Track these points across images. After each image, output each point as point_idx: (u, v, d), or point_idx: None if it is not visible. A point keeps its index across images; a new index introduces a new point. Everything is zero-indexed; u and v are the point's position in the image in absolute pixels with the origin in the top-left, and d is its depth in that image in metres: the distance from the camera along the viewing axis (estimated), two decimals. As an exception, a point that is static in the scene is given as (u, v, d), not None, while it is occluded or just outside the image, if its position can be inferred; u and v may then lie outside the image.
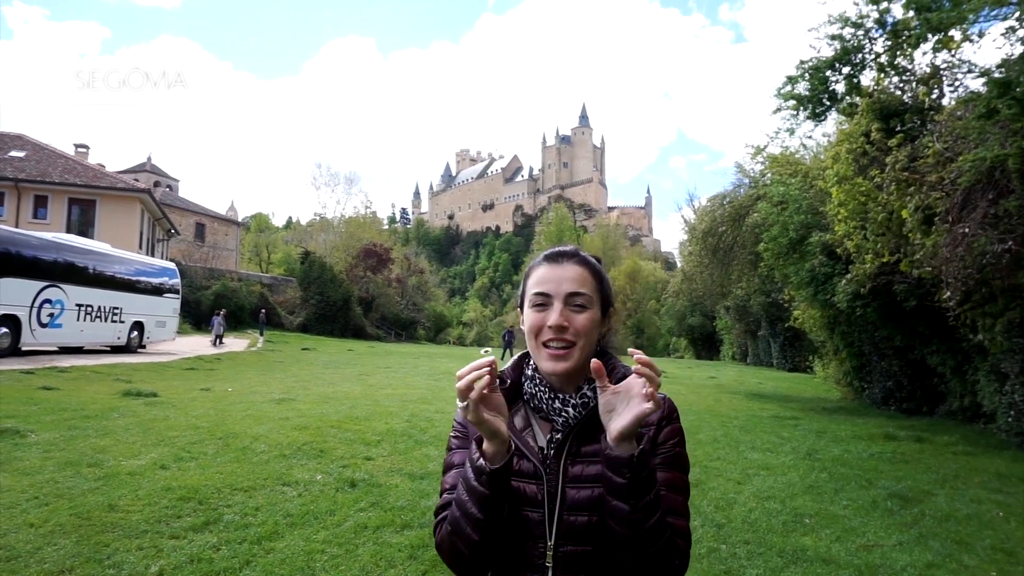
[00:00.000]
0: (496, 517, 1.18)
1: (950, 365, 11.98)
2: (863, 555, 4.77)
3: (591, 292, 1.26)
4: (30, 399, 8.88)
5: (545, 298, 1.25)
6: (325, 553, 4.17)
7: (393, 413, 9.62)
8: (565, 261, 1.28)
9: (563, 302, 1.23)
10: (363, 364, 21.35)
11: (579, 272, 1.27)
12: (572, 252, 1.31)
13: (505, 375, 1.34)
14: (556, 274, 1.26)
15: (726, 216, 18.32)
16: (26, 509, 4.52)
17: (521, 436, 1.27)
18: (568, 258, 1.29)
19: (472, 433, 1.27)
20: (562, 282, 1.25)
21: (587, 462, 1.23)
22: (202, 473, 5.67)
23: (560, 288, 1.24)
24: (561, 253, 1.31)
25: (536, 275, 1.29)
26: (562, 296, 1.24)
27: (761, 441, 9.36)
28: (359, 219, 60.94)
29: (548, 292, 1.25)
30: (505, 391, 1.28)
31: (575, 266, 1.28)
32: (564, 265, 1.27)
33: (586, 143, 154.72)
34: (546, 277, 1.27)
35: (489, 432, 1.15)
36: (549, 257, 1.31)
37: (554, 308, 1.23)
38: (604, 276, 1.33)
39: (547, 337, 1.23)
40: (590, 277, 1.28)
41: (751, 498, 6.21)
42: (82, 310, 17.73)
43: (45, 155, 31.49)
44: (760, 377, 26.18)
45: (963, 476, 7.55)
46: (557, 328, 1.22)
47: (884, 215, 9.55)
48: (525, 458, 1.24)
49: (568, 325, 1.22)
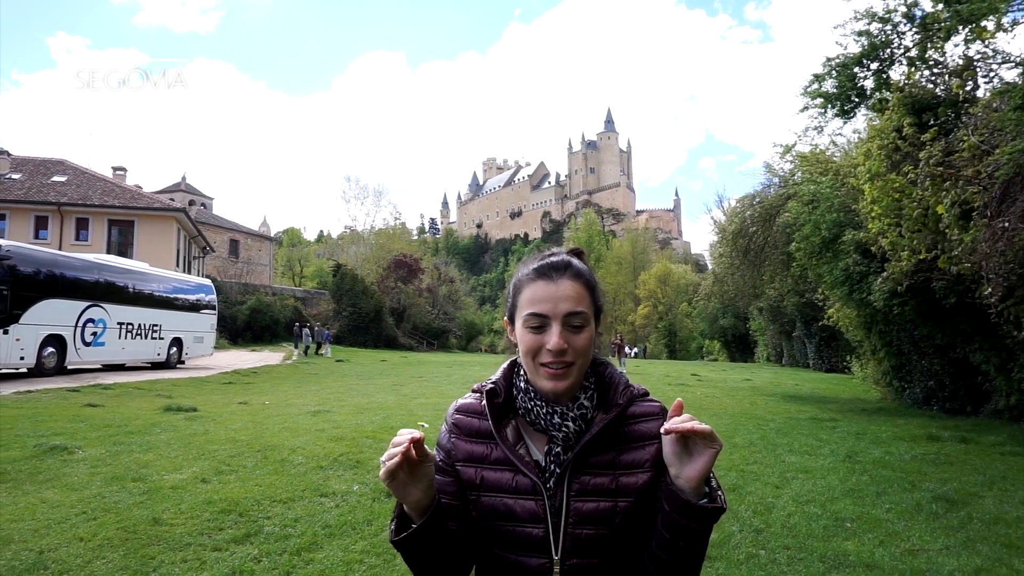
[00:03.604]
0: (430, 565, 1.22)
1: (994, 363, 11.65)
2: (908, 560, 4.66)
3: (587, 309, 1.20)
4: (77, 416, 9.14)
5: (541, 319, 1.18)
6: (364, 563, 4.22)
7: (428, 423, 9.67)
8: (559, 277, 1.20)
9: (561, 324, 1.17)
10: (396, 374, 21.52)
11: (575, 289, 1.20)
12: (564, 265, 1.22)
13: (497, 388, 1.29)
14: (551, 293, 1.18)
15: (756, 217, 18.12)
16: (75, 524, 4.65)
17: (515, 451, 1.23)
18: (561, 273, 1.21)
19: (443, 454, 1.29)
20: (559, 302, 1.18)
21: (593, 474, 1.21)
22: (242, 486, 5.78)
23: (557, 309, 1.17)
24: (553, 267, 1.22)
25: (529, 293, 1.21)
26: (559, 317, 1.17)
27: (799, 444, 9.21)
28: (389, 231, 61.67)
29: (545, 313, 1.18)
30: (496, 404, 1.27)
31: (570, 282, 1.20)
32: (559, 282, 1.19)
33: (612, 148, 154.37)
34: (540, 296, 1.19)
35: (404, 498, 1.17)
36: (541, 272, 1.22)
37: (552, 331, 1.17)
38: (596, 284, 1.26)
39: (546, 359, 1.18)
40: (585, 292, 1.21)
41: (790, 502, 6.11)
42: (123, 328, 18.22)
43: (85, 179, 32.50)
44: (796, 379, 25.76)
45: (1011, 477, 7.33)
46: (558, 352, 1.17)
47: (919, 211, 9.35)
48: (521, 474, 1.21)
49: (568, 347, 1.17)
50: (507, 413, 1.28)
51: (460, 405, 1.32)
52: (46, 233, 29.61)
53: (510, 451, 1.22)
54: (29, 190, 30.50)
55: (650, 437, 1.22)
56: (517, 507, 1.20)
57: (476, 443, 1.26)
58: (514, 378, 1.29)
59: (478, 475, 1.23)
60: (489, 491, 1.22)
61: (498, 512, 1.21)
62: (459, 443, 1.27)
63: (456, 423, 1.29)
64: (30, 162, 33.07)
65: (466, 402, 1.32)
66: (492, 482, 1.22)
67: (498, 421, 1.25)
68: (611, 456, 1.22)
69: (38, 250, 16.81)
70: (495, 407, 1.26)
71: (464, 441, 1.26)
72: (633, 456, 1.22)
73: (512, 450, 1.23)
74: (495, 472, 1.23)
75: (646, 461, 1.21)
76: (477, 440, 1.26)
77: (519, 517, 1.20)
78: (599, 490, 1.20)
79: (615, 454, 1.22)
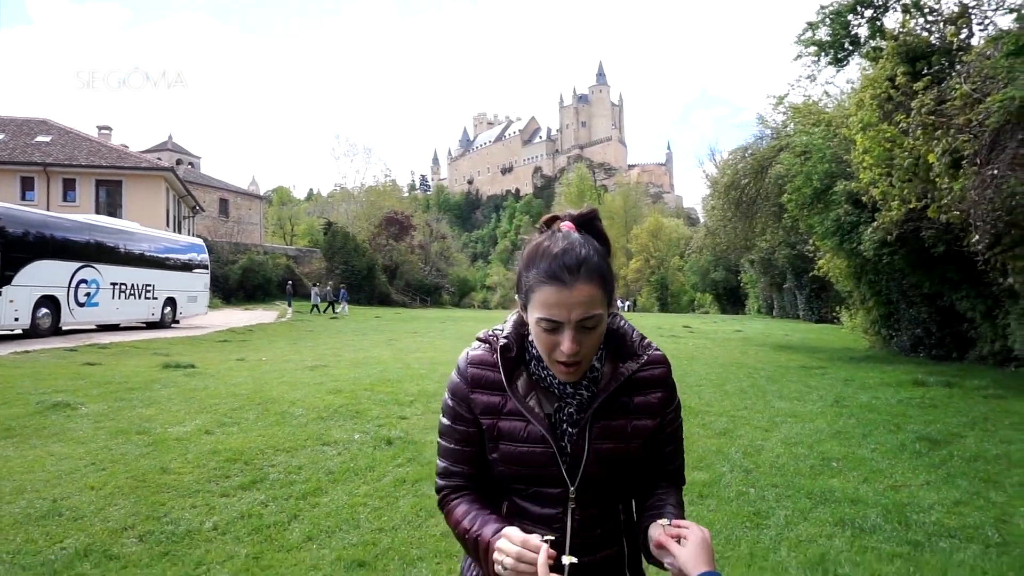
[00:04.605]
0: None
1: (980, 310, 11.87)
2: (890, 494, 4.86)
3: (601, 307, 1.19)
4: (76, 374, 9.23)
5: (554, 324, 1.18)
6: (367, 505, 4.37)
7: (424, 375, 9.84)
8: (572, 281, 1.16)
9: (574, 328, 1.18)
10: (391, 330, 21.67)
11: (588, 293, 1.17)
12: (577, 265, 1.18)
13: (510, 344, 1.32)
14: (564, 299, 1.16)
15: (748, 169, 18.11)
16: (85, 474, 4.78)
17: (526, 403, 1.28)
18: (575, 276, 1.16)
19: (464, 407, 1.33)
20: (572, 308, 1.16)
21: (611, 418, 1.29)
22: (245, 437, 5.91)
23: (571, 315, 1.16)
24: (567, 268, 1.17)
25: (541, 296, 1.18)
26: (573, 322, 1.17)
27: (788, 390, 9.43)
28: (379, 188, 61.13)
29: (558, 319, 1.17)
30: (509, 360, 1.31)
31: (583, 285, 1.16)
32: (572, 288, 1.16)
33: (604, 101, 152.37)
34: (553, 302, 1.17)
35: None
36: (553, 276, 1.17)
37: (566, 336, 1.18)
38: (609, 275, 1.23)
39: (560, 359, 1.20)
40: (598, 291, 1.19)
41: (779, 444, 6.31)
42: (116, 288, 18.20)
43: (71, 139, 31.94)
44: (787, 329, 26.08)
45: (993, 418, 7.55)
46: (570, 355, 1.19)
47: (910, 161, 9.39)
48: (532, 425, 1.27)
49: (579, 349, 1.19)
50: (518, 365, 1.33)
51: (473, 357, 1.35)
52: (33, 194, 29.22)
53: (521, 404, 1.28)
54: (13, 151, 29.98)
55: (656, 382, 1.33)
56: (530, 454, 1.28)
57: (492, 395, 1.31)
58: (526, 340, 1.33)
59: (494, 426, 1.30)
60: (505, 440, 1.30)
61: (515, 456, 1.29)
62: (479, 396, 1.32)
63: (474, 377, 1.33)
64: (12, 122, 32.41)
65: (478, 354, 1.35)
66: (507, 431, 1.29)
67: (510, 375, 1.31)
68: (626, 401, 1.31)
69: (27, 211, 16.66)
70: (508, 362, 1.31)
71: (482, 393, 1.31)
72: (644, 399, 1.32)
73: (523, 403, 1.29)
74: (509, 422, 1.29)
75: (654, 405, 1.32)
76: (492, 392, 1.31)
77: (535, 462, 1.28)
78: (616, 433, 1.29)
79: (629, 400, 1.31)
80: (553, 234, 1.24)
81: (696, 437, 6.44)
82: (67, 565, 3.36)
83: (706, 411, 7.73)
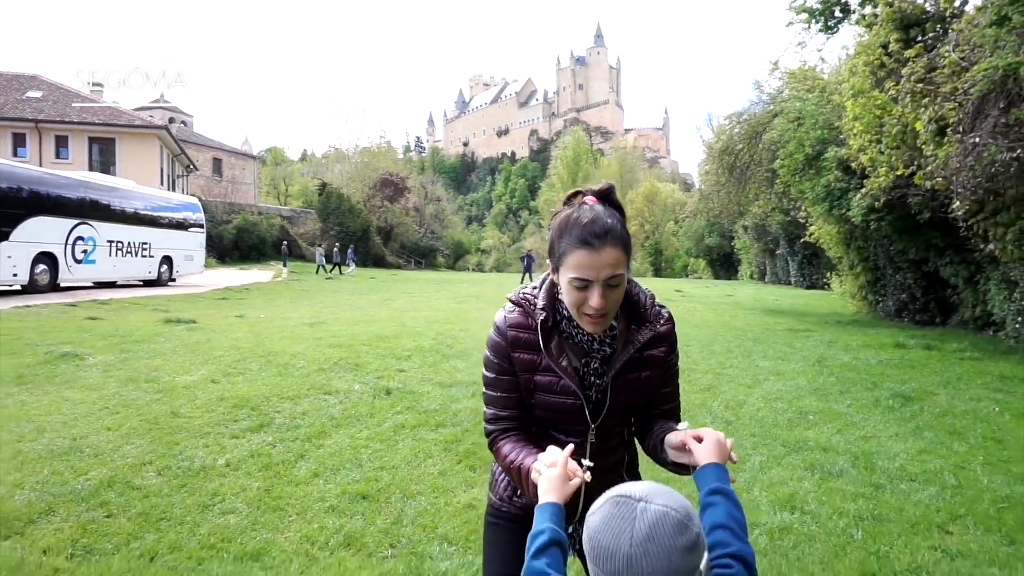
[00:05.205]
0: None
1: (963, 276, 12.15)
2: (860, 444, 5.17)
3: (623, 268, 1.42)
4: (80, 328, 9.45)
5: (585, 282, 1.40)
6: (369, 448, 4.66)
7: (420, 332, 10.10)
8: (600, 245, 1.39)
9: (602, 285, 1.40)
10: (387, 291, 21.90)
11: (613, 255, 1.39)
12: (604, 232, 1.40)
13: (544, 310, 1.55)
14: (594, 260, 1.39)
15: (743, 134, 18.19)
16: (100, 417, 5.04)
17: (559, 363, 1.53)
18: (603, 240, 1.39)
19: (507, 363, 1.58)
20: (600, 268, 1.39)
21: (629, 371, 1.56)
22: (250, 386, 6.17)
23: (600, 274, 1.39)
24: (596, 235, 1.40)
25: (574, 259, 1.40)
26: (601, 281, 1.40)
27: (773, 351, 9.74)
28: (374, 149, 60.58)
29: (588, 278, 1.40)
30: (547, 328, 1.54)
31: (610, 248, 1.39)
32: (600, 251, 1.39)
33: (601, 64, 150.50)
34: (584, 263, 1.39)
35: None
36: (584, 241, 1.40)
37: (595, 291, 1.40)
38: (629, 241, 1.46)
39: (588, 312, 1.43)
40: (621, 254, 1.42)
41: (759, 399, 6.62)
42: (113, 246, 18.32)
43: (62, 95, 31.60)
44: (777, 294, 26.43)
45: (966, 378, 7.88)
46: (597, 308, 1.42)
47: (899, 128, 9.54)
48: (564, 380, 1.53)
49: (605, 303, 1.41)
50: (552, 329, 1.56)
51: (511, 321, 1.57)
52: (24, 151, 29.01)
53: (555, 363, 1.53)
54: (3, 106, 29.65)
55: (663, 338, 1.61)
56: (562, 403, 1.55)
57: (528, 354, 1.55)
58: (557, 302, 1.57)
59: (531, 380, 1.55)
60: (540, 391, 1.55)
61: (549, 404, 1.56)
62: (519, 355, 1.55)
63: (513, 339, 1.56)
64: (1, 77, 32.01)
65: (515, 318, 1.57)
66: (542, 384, 1.55)
67: (546, 339, 1.54)
68: (638, 357, 1.57)
69: (22, 167, 16.67)
70: (547, 330, 1.54)
71: (521, 353, 1.55)
72: (652, 353, 1.59)
73: (556, 363, 1.53)
74: (544, 377, 1.54)
75: (660, 358, 1.61)
76: (528, 351, 1.54)
77: (565, 409, 1.56)
78: (632, 385, 1.58)
79: (641, 355, 1.58)
80: (580, 207, 1.46)
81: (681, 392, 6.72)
82: (93, 493, 3.63)
83: (692, 368, 8.02)
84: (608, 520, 1.03)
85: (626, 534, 1.00)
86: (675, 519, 1.01)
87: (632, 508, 1.02)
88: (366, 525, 3.48)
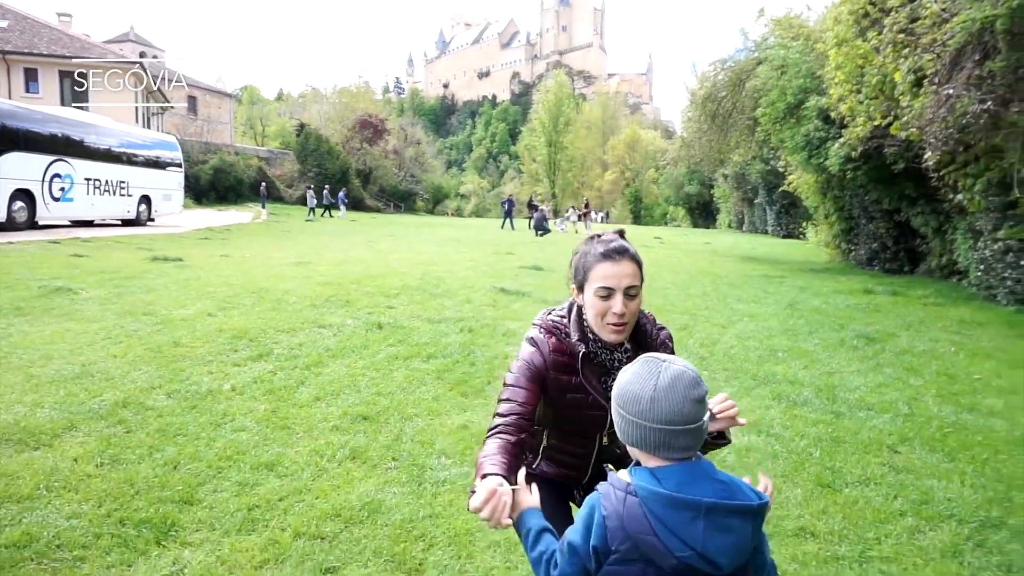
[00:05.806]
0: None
1: (932, 226, 12.57)
2: (824, 378, 5.56)
3: (639, 281, 1.69)
4: (68, 264, 9.51)
5: (609, 291, 1.66)
6: (365, 376, 4.93)
7: (405, 273, 10.30)
8: (621, 259, 1.67)
9: (623, 294, 1.66)
10: (368, 233, 21.95)
11: (633, 268, 1.68)
12: (624, 249, 1.70)
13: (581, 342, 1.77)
14: (616, 271, 1.66)
15: (726, 81, 18.22)
16: (104, 346, 5.24)
17: (593, 384, 1.76)
18: (623, 256, 1.68)
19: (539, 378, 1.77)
20: (622, 278, 1.66)
21: None
22: (246, 319, 6.38)
23: (621, 283, 1.65)
24: (617, 251, 1.68)
25: (599, 271, 1.67)
26: (622, 289, 1.66)
27: (748, 295, 10.12)
28: (352, 89, 59.28)
29: (612, 287, 1.66)
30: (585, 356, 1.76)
31: (629, 263, 1.67)
32: (621, 263, 1.67)
33: (586, 5, 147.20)
34: (608, 274, 1.66)
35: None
36: (607, 256, 1.68)
37: (616, 299, 1.66)
38: (642, 263, 1.73)
39: (611, 320, 1.67)
40: (638, 270, 1.70)
41: (733, 338, 6.98)
42: (91, 184, 18.05)
43: (29, 25, 30.42)
44: (754, 243, 26.90)
45: (928, 321, 8.33)
46: (620, 315, 1.66)
47: (879, 78, 9.74)
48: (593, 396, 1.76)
49: (626, 311, 1.66)
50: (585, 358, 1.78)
51: (554, 345, 1.79)
52: (-9, 84, 28.14)
53: (590, 385, 1.76)
54: (-34, 36, 28.59)
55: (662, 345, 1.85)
56: (588, 416, 1.80)
57: (564, 374, 1.77)
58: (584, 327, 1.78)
59: (563, 395, 1.78)
60: (569, 407, 1.79)
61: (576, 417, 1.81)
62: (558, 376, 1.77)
63: (555, 363, 1.77)
64: (-38, 4, 30.70)
65: (556, 343, 1.79)
66: (571, 402, 1.78)
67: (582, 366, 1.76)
68: None
69: (-5, 100, 16.29)
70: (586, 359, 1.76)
71: (558, 372, 1.77)
72: None
73: (591, 384, 1.76)
74: (574, 395, 1.77)
75: None
76: (565, 373, 1.77)
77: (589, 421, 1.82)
78: None
79: None
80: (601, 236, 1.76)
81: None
82: (110, 412, 3.87)
83: (669, 309, 8.36)
84: (638, 372, 1.30)
85: (651, 382, 1.26)
86: (691, 376, 1.27)
87: (658, 365, 1.29)
88: (369, 442, 3.78)
